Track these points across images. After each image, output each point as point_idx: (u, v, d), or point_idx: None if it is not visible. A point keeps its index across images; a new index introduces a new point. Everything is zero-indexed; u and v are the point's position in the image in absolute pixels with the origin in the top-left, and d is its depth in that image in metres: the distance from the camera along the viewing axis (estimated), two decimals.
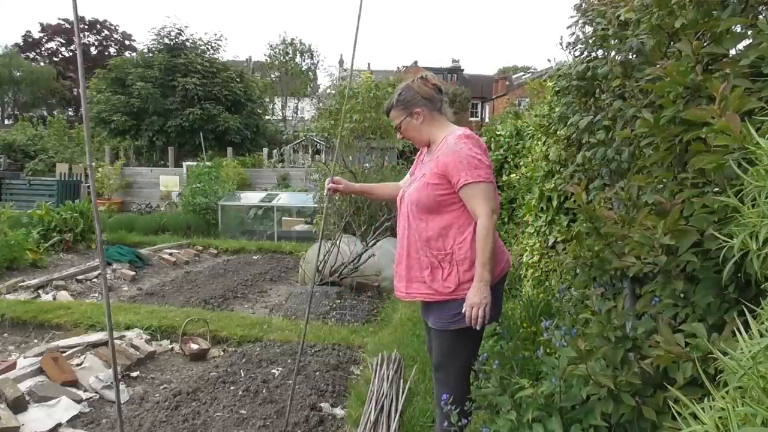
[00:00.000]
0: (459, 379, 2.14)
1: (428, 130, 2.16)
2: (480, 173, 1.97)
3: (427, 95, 2.15)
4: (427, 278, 2.08)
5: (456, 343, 2.10)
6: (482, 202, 1.97)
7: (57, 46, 38.37)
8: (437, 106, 2.17)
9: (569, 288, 2.23)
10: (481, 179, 1.97)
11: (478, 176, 1.97)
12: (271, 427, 2.84)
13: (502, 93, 33.45)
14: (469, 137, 2.05)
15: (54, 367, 3.40)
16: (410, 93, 2.16)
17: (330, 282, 5.61)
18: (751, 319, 0.89)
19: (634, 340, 1.59)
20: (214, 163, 11.75)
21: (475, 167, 1.97)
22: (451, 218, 2.06)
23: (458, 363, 2.13)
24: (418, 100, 2.14)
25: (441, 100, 2.19)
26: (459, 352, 2.11)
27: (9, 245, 6.60)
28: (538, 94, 6.10)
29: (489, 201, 1.98)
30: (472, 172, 1.97)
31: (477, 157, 1.99)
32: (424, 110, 2.14)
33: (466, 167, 1.97)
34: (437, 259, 2.07)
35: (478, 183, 1.97)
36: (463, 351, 2.10)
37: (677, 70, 1.50)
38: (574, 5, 2.74)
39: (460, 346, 2.10)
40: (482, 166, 1.99)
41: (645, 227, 1.52)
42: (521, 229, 4.70)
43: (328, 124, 7.74)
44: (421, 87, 2.15)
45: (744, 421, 0.78)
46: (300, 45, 28.90)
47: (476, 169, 1.97)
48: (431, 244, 2.07)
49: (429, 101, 2.15)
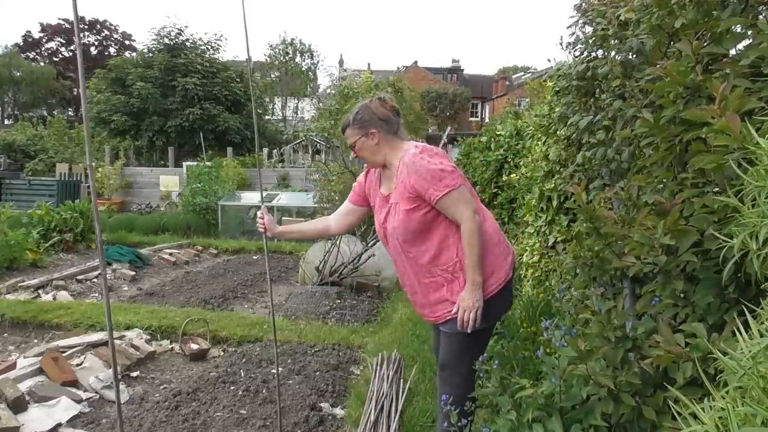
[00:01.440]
0: (464, 379, 2.14)
1: (383, 152, 2.13)
2: (446, 182, 1.95)
3: (383, 117, 2.12)
4: (447, 294, 2.07)
5: (467, 344, 2.10)
6: (460, 208, 1.96)
7: (57, 46, 38.38)
8: (393, 128, 2.14)
9: (569, 288, 2.23)
10: (449, 188, 1.95)
11: (445, 186, 1.95)
12: (271, 427, 2.84)
13: (502, 93, 33.45)
14: (423, 150, 2.03)
15: (54, 367, 3.40)
16: (367, 113, 2.13)
17: (330, 282, 5.61)
18: (751, 319, 0.89)
19: (634, 340, 1.59)
20: (214, 163, 11.74)
21: (439, 179, 1.95)
22: (445, 229, 2.05)
23: (466, 363, 2.12)
24: (374, 121, 2.12)
25: (398, 123, 2.17)
26: (468, 352, 2.10)
27: (9, 245, 6.60)
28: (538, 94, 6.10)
29: (466, 204, 1.97)
30: (437, 185, 1.95)
31: (437, 167, 1.97)
32: (380, 132, 2.12)
33: (430, 182, 1.96)
34: (449, 273, 2.05)
35: (448, 194, 1.95)
36: (473, 351, 2.09)
37: (677, 70, 1.50)
38: (574, 5, 2.74)
39: (471, 346, 2.09)
40: (445, 174, 1.96)
41: (645, 227, 1.52)
42: (521, 229, 4.70)
43: (328, 124, 7.74)
44: (378, 108, 2.13)
45: (744, 421, 0.78)
46: (300, 45, 28.90)
47: (440, 181, 1.95)
48: (437, 261, 2.06)
49: (385, 123, 2.13)
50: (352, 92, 7.60)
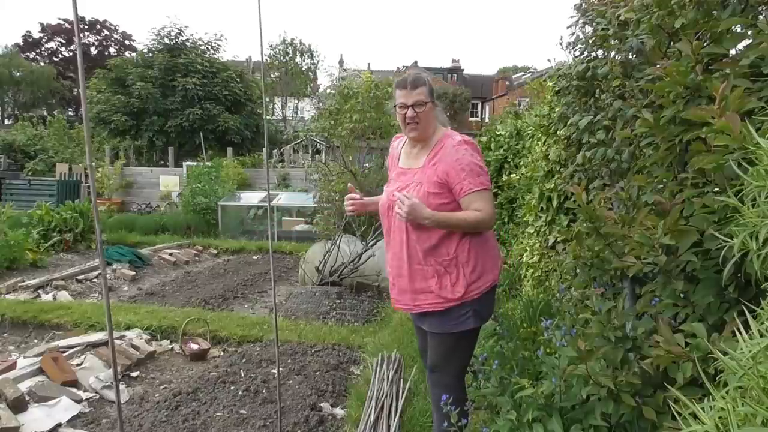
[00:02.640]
0: (455, 379, 2.14)
1: (433, 126, 2.11)
2: (482, 180, 1.99)
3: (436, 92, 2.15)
4: (435, 287, 2.03)
5: (456, 345, 2.09)
6: (485, 204, 1.98)
7: (57, 46, 38.35)
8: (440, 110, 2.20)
9: (569, 288, 2.22)
10: (484, 186, 1.98)
11: (481, 184, 1.97)
12: (271, 427, 2.84)
13: (502, 93, 33.45)
14: (469, 143, 2.05)
15: (54, 367, 3.40)
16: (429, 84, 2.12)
17: (330, 282, 5.61)
18: (751, 319, 0.89)
19: (634, 340, 1.59)
20: (214, 163, 11.74)
21: (477, 174, 1.97)
22: None
23: (456, 364, 2.13)
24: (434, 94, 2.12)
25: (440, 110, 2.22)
26: (457, 353, 2.10)
27: (9, 245, 6.60)
28: (538, 94, 6.10)
29: (491, 205, 2.00)
30: (475, 179, 1.96)
31: (479, 164, 2.01)
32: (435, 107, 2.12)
33: (469, 175, 1.96)
34: (443, 266, 2.02)
35: (481, 191, 1.97)
36: (461, 353, 2.11)
37: (677, 70, 1.50)
38: (574, 5, 2.74)
39: (459, 348, 2.10)
40: (483, 173, 2.01)
41: (645, 227, 1.52)
42: (521, 229, 4.70)
43: (328, 124, 7.73)
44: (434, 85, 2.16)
45: (744, 421, 0.78)
46: (300, 45, 28.89)
47: (479, 177, 1.98)
48: (435, 252, 2.03)
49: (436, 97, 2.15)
50: (352, 92, 7.59)
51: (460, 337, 2.07)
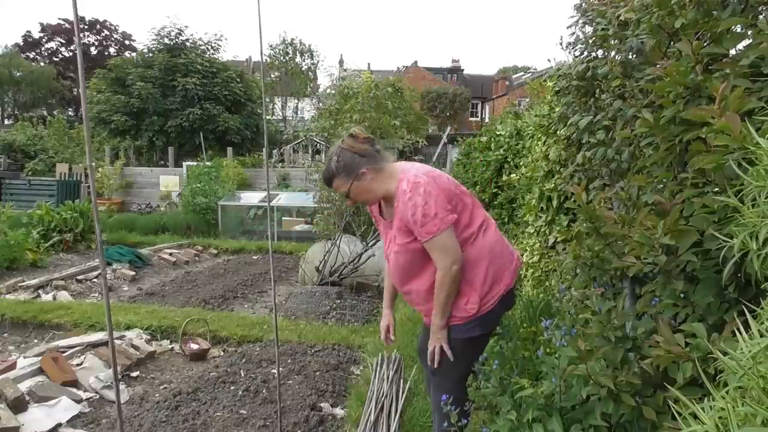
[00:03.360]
0: (455, 384, 2.14)
1: (380, 186, 2.03)
2: (428, 229, 1.89)
3: (363, 152, 2.02)
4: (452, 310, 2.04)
5: (464, 351, 2.09)
6: (440, 257, 1.93)
7: (57, 46, 38.36)
8: (377, 159, 2.04)
9: (569, 288, 2.22)
10: (430, 235, 1.90)
11: (429, 233, 1.90)
12: (271, 427, 2.84)
13: (502, 93, 33.45)
14: (412, 188, 1.92)
15: (54, 367, 3.40)
16: (347, 156, 2.02)
17: (330, 282, 5.61)
18: (751, 319, 0.89)
19: (634, 340, 1.59)
20: (214, 163, 11.74)
21: (422, 224, 1.90)
22: None
23: (459, 370, 2.13)
24: (358, 161, 2.01)
25: (377, 151, 2.06)
26: (464, 359, 2.10)
27: (9, 245, 6.60)
28: (538, 94, 6.10)
29: (445, 253, 1.91)
30: (421, 231, 1.91)
31: (420, 213, 1.89)
32: (369, 168, 2.01)
33: (417, 225, 1.91)
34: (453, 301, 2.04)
35: (429, 240, 1.91)
36: (466, 359, 2.09)
37: (677, 70, 1.50)
38: (574, 5, 2.74)
39: (465, 354, 2.09)
40: (429, 218, 1.89)
41: (645, 227, 1.52)
42: (521, 229, 4.70)
43: (328, 124, 7.73)
44: (354, 146, 2.03)
45: (744, 421, 0.78)
46: (300, 45, 28.88)
47: (424, 226, 1.90)
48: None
49: (368, 158, 2.03)
50: (352, 92, 7.60)
51: (468, 344, 2.07)
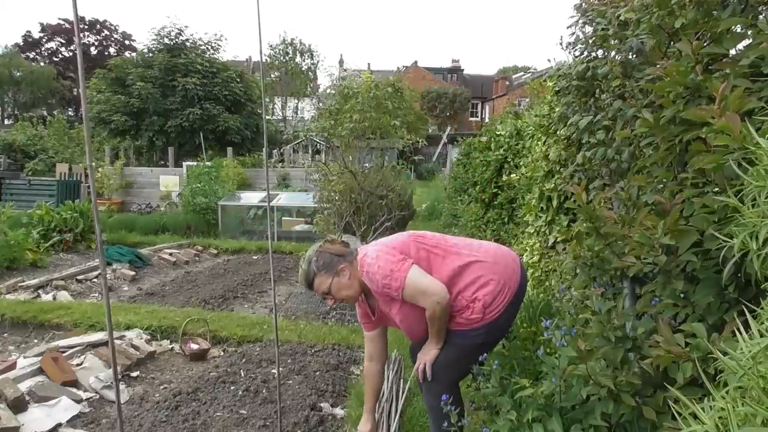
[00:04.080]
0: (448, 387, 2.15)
1: (359, 281, 2.15)
2: (396, 285, 1.99)
3: (340, 252, 2.17)
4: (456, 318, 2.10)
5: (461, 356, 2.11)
6: (421, 300, 2.00)
7: (57, 46, 38.37)
8: (351, 258, 2.17)
9: (569, 288, 2.22)
10: (400, 284, 1.98)
11: (398, 288, 1.99)
12: (271, 427, 2.84)
13: (502, 93, 33.44)
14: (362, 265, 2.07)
15: (54, 367, 3.40)
16: (325, 257, 2.18)
17: None
18: (751, 319, 0.89)
19: (634, 340, 1.59)
20: (214, 163, 11.73)
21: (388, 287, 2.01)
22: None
23: (451, 375, 2.16)
24: (336, 259, 2.16)
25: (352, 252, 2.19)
26: (459, 364, 2.12)
27: (9, 245, 6.60)
28: (538, 94, 6.10)
29: (425, 295, 1.98)
30: (390, 285, 2.00)
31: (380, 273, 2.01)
32: (346, 265, 2.15)
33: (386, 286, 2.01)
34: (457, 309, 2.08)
35: (402, 289, 1.99)
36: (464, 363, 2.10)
37: (677, 70, 1.50)
38: (574, 5, 2.74)
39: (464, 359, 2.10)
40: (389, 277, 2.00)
41: (645, 227, 1.52)
42: (521, 229, 4.70)
43: (328, 124, 7.72)
44: (332, 248, 2.19)
45: (744, 421, 0.78)
46: (300, 45, 28.88)
47: (390, 281, 2.00)
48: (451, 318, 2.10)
49: (344, 257, 2.16)
50: (352, 92, 7.59)
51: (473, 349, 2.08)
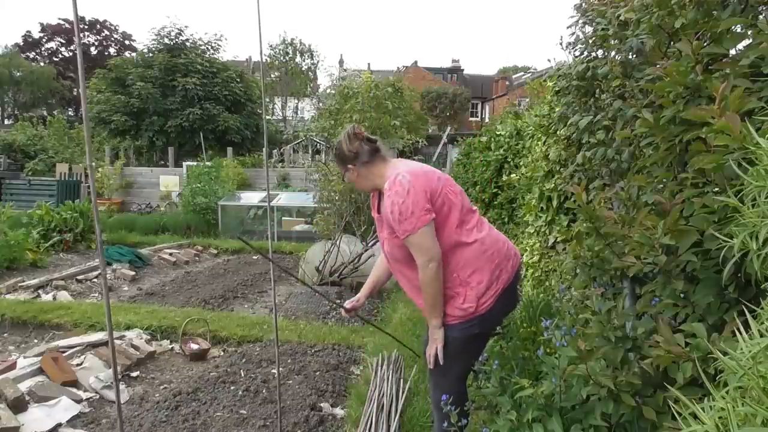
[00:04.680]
0: (455, 381, 2.14)
1: (366, 182, 2.17)
2: (404, 227, 1.94)
3: (354, 150, 2.14)
4: (448, 309, 2.07)
5: (461, 350, 2.09)
6: (416, 254, 1.97)
7: (57, 46, 38.35)
8: (365, 158, 2.13)
9: (569, 288, 2.22)
10: (407, 233, 1.95)
11: (405, 231, 1.95)
12: (271, 427, 2.84)
13: (502, 93, 33.44)
14: (394, 185, 1.98)
15: (54, 367, 3.40)
16: (341, 149, 2.17)
17: (330, 282, 5.61)
18: (751, 319, 0.89)
19: (634, 340, 1.59)
20: (214, 163, 11.74)
21: (400, 222, 1.95)
22: None
23: (456, 369, 2.13)
24: (347, 157, 2.15)
25: (370, 151, 2.14)
26: (460, 357, 2.10)
27: (9, 245, 6.60)
28: (538, 94, 6.10)
29: (422, 252, 1.95)
30: (399, 228, 1.96)
31: (399, 208, 1.95)
32: (355, 166, 2.15)
33: (396, 223, 1.97)
34: (450, 290, 2.05)
35: (408, 237, 1.95)
36: (467, 356, 2.09)
37: (677, 70, 1.50)
38: (574, 5, 2.74)
39: (464, 352, 2.09)
40: (405, 216, 1.94)
41: (645, 227, 1.52)
42: (521, 229, 4.70)
43: (328, 124, 7.73)
44: (348, 144, 2.15)
45: (744, 421, 0.78)
46: (300, 45, 28.87)
47: (401, 224, 1.95)
48: None
49: (356, 156, 2.14)
50: (352, 92, 7.60)
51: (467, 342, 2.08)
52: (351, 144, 2.14)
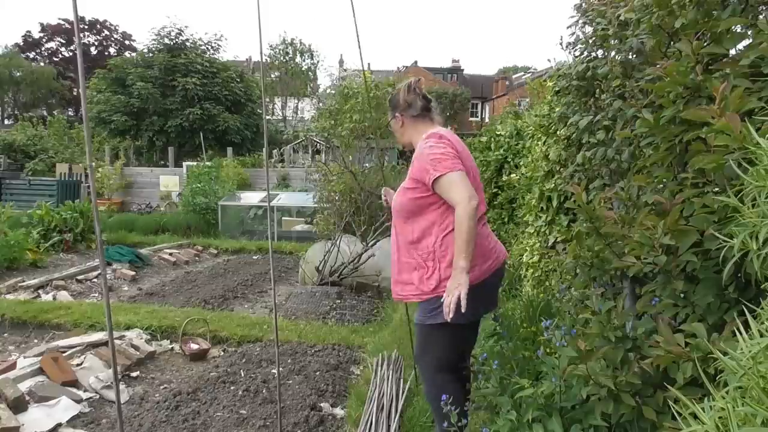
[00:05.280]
0: (433, 372, 2.19)
1: (408, 134, 2.26)
2: (445, 165, 1.97)
3: (408, 101, 2.23)
4: (416, 280, 2.13)
5: (428, 338, 2.17)
6: (456, 190, 1.95)
7: (57, 46, 38.34)
8: (415, 112, 2.23)
9: (569, 288, 2.23)
10: (447, 170, 1.96)
11: (444, 168, 1.97)
12: (271, 427, 2.84)
13: (502, 93, 33.43)
14: (432, 136, 2.09)
15: (54, 367, 3.40)
16: (396, 97, 2.28)
17: (330, 282, 5.61)
18: (751, 319, 0.89)
19: (634, 340, 1.59)
20: (214, 163, 11.74)
21: (438, 162, 1.99)
22: (434, 217, 2.09)
23: (430, 357, 2.19)
24: (399, 105, 2.26)
25: (423, 107, 2.24)
26: (431, 346, 2.17)
27: (9, 245, 6.60)
28: (538, 94, 6.10)
29: (463, 188, 1.93)
30: (436, 166, 1.99)
31: (438, 152, 2.01)
32: (404, 116, 2.25)
33: (430, 165, 2.00)
34: (422, 259, 2.11)
35: (444, 175, 1.96)
36: (435, 346, 2.16)
37: (677, 70, 1.50)
38: (574, 5, 2.74)
39: (432, 341, 2.16)
40: (446, 158, 1.99)
41: (645, 227, 1.52)
42: (521, 229, 4.70)
43: (328, 124, 7.74)
44: (404, 94, 2.25)
45: (744, 421, 0.78)
46: (300, 45, 28.87)
47: (439, 163, 1.98)
48: (418, 245, 2.13)
49: (409, 107, 2.23)
50: (352, 92, 7.60)
51: (431, 331, 2.13)
52: (408, 94, 2.23)
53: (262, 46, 2.34)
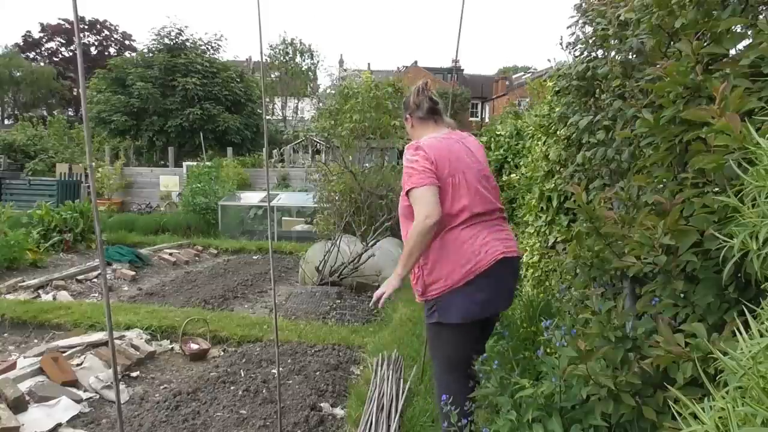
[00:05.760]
0: (442, 371, 2.24)
1: (417, 135, 2.32)
2: (413, 180, 2.04)
3: (416, 103, 2.30)
4: (413, 282, 2.24)
5: (434, 336, 2.25)
6: (416, 206, 2.04)
7: (57, 46, 38.34)
8: (421, 114, 2.29)
9: (569, 288, 2.23)
10: (413, 185, 2.04)
11: (411, 183, 2.05)
12: (271, 427, 2.84)
13: (502, 93, 33.44)
14: (410, 147, 2.14)
15: (54, 367, 3.40)
16: (408, 98, 2.35)
17: (330, 282, 5.61)
18: (751, 319, 0.89)
19: (634, 340, 1.59)
20: (214, 163, 11.74)
21: (409, 175, 2.06)
22: None
23: (439, 354, 2.25)
24: (409, 106, 2.33)
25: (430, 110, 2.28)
26: (437, 344, 2.23)
27: (9, 245, 6.60)
28: (538, 94, 6.10)
29: (422, 205, 2.01)
30: (406, 180, 2.07)
31: (410, 165, 2.08)
32: (412, 118, 2.33)
33: (405, 177, 2.08)
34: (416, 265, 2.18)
35: (411, 191, 2.05)
36: (445, 345, 2.20)
37: (677, 70, 1.50)
38: (574, 5, 2.74)
39: (437, 339, 2.22)
40: (415, 172, 2.05)
41: (645, 227, 1.52)
42: (521, 229, 4.70)
43: (328, 124, 7.73)
44: (415, 95, 2.31)
45: (744, 421, 0.78)
46: (300, 45, 28.87)
47: (410, 177, 2.06)
48: None
49: (417, 109, 2.30)
50: (352, 92, 7.60)
51: (434, 329, 2.20)
52: (417, 96, 2.30)
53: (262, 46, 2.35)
